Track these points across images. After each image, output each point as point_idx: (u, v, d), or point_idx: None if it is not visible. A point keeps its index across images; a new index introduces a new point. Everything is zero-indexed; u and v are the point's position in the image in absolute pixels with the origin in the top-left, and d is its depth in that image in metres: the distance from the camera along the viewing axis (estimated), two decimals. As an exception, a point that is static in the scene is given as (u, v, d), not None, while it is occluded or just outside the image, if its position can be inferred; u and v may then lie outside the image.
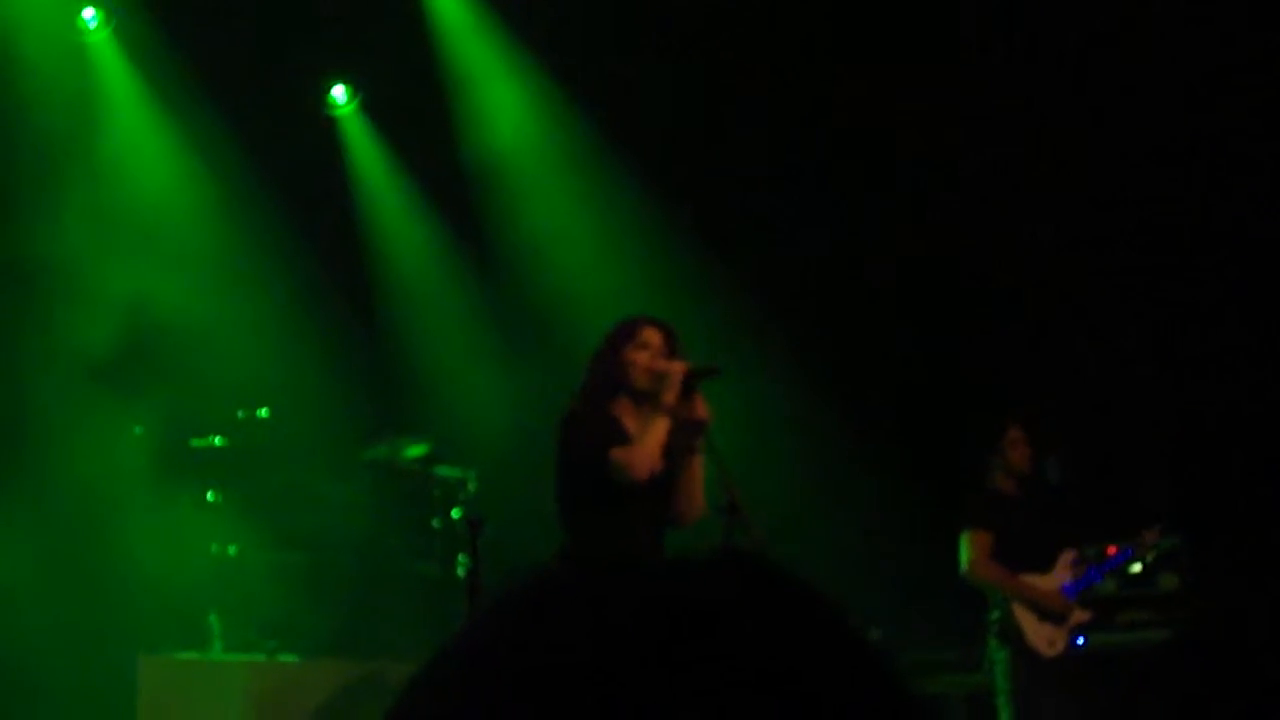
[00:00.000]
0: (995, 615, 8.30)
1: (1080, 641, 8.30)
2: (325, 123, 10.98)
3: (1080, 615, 8.29)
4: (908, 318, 10.26)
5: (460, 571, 9.28)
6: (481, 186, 10.81)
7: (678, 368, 5.76)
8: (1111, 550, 8.56)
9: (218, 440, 9.29)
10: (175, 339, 9.66)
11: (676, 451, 5.81)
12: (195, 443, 9.30)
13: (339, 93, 10.95)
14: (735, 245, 10.26)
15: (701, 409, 5.78)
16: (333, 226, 10.81)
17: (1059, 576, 8.32)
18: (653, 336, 5.88)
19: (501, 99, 10.72)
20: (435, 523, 9.45)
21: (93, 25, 10.31)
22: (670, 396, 5.71)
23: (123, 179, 10.17)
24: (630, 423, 5.86)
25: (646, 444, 5.69)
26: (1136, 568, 8.61)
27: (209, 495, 9.17)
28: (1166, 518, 8.74)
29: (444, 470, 9.44)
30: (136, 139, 10.34)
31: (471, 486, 9.37)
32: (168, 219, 10.23)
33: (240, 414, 9.39)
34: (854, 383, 10.14)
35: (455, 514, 9.43)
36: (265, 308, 10.19)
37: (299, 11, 10.15)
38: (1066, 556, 8.34)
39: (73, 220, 9.62)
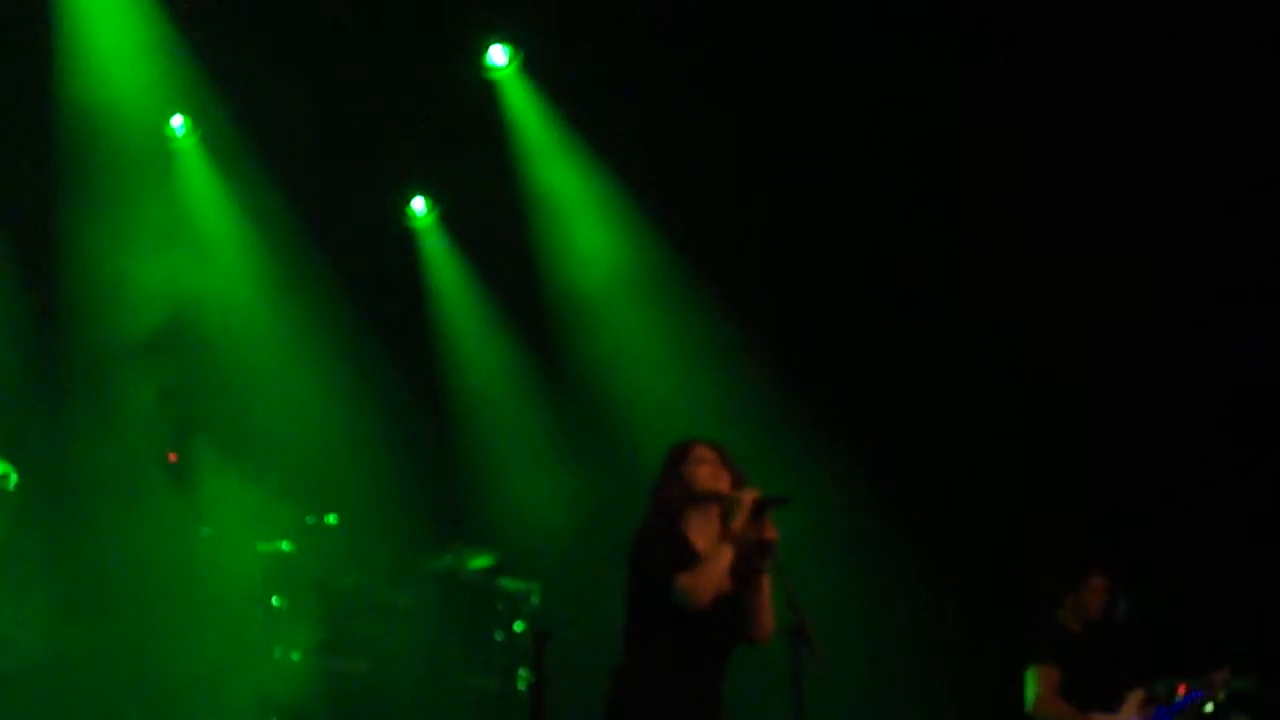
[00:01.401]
0: None
1: (1153, 778, 8.18)
2: (406, 234, 11.12)
3: (1145, 754, 8.17)
4: (983, 443, 10.21)
5: (521, 685, 9.26)
6: (556, 303, 10.90)
7: (747, 496, 5.83)
8: (1181, 690, 8.44)
9: (285, 545, 9.34)
10: (250, 445, 9.75)
11: (744, 573, 5.83)
12: (262, 547, 9.35)
13: (418, 204, 11.10)
14: (806, 375, 10.28)
15: (770, 531, 5.81)
16: (409, 338, 10.91)
17: (1127, 716, 8.22)
18: (706, 452, 6.02)
19: (580, 220, 10.84)
20: (498, 635, 9.44)
21: (181, 132, 10.53)
22: (739, 524, 5.77)
23: (201, 282, 10.32)
24: (699, 539, 5.90)
25: (711, 571, 5.74)
26: (1208, 708, 8.47)
27: (274, 599, 9.20)
28: (1238, 658, 8.62)
29: (508, 582, 9.45)
30: (217, 249, 10.50)
31: (535, 599, 9.38)
32: (249, 324, 10.36)
33: (309, 519, 9.45)
34: (928, 511, 10.08)
35: (518, 627, 9.42)
36: (338, 416, 10.28)
37: (379, 122, 10.32)
38: (1135, 696, 8.24)
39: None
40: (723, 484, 5.94)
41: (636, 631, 5.86)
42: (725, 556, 5.76)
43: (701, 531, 5.93)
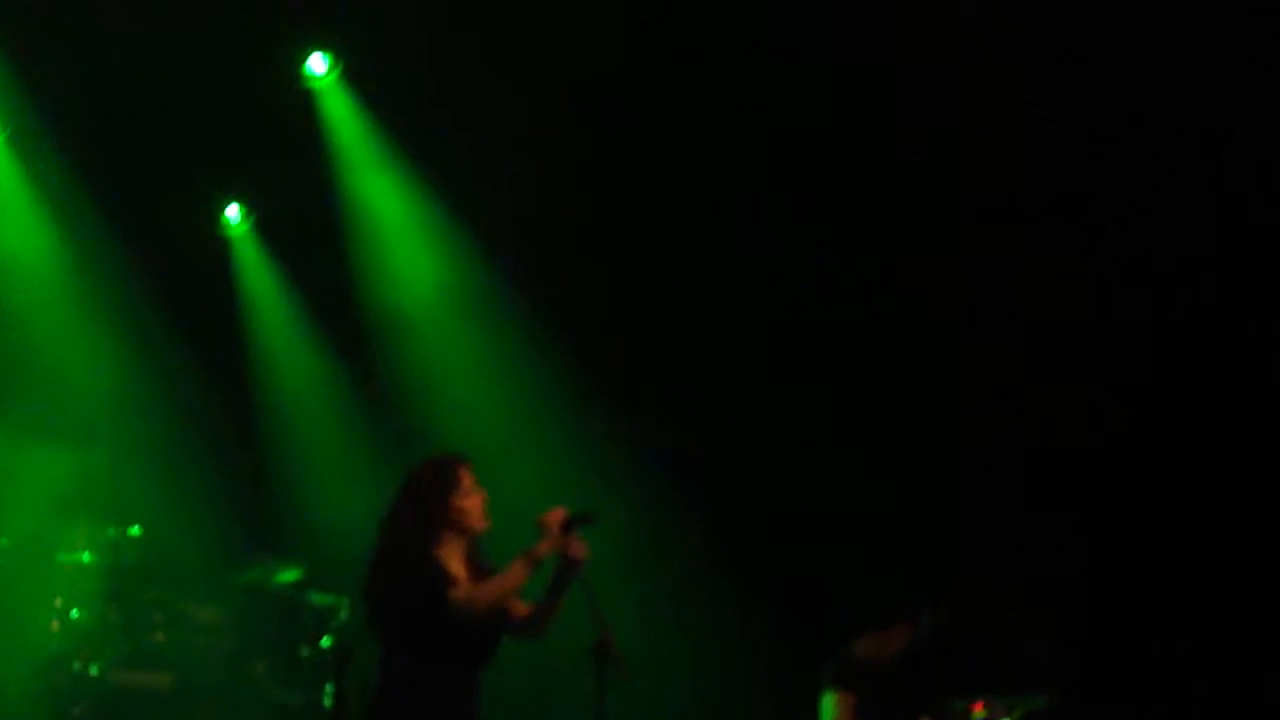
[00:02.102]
0: None
1: (944, 801, 8.33)
2: (218, 242, 10.95)
3: (937, 781, 8.35)
4: (787, 462, 10.34)
5: (327, 701, 9.15)
6: (371, 315, 10.83)
7: (555, 517, 5.85)
8: (977, 708, 8.61)
9: (85, 556, 9.14)
10: (50, 454, 9.53)
11: (552, 586, 5.88)
12: (62, 558, 9.14)
13: (233, 212, 10.94)
14: (622, 391, 10.33)
15: (578, 548, 5.83)
16: (219, 347, 10.75)
17: (918, 741, 8.38)
18: (469, 479, 6.08)
19: (397, 233, 10.78)
20: (304, 650, 9.32)
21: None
22: (545, 548, 5.83)
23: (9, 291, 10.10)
24: (454, 565, 5.97)
25: (495, 586, 5.84)
26: (1003, 726, 8.65)
27: (73, 612, 9.00)
28: (1036, 679, 8.83)
29: (317, 596, 9.33)
30: (20, 250, 10.26)
31: (343, 614, 9.27)
32: (48, 331, 10.14)
33: (111, 531, 9.26)
34: (739, 530, 10.18)
35: (325, 642, 9.31)
36: (144, 426, 10.09)
37: (195, 127, 10.17)
38: (924, 721, 8.42)
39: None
40: (485, 513, 6.01)
41: (396, 648, 5.91)
42: (518, 575, 5.84)
43: (453, 552, 6.01)
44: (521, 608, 5.97)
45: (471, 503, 6.04)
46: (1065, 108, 9.37)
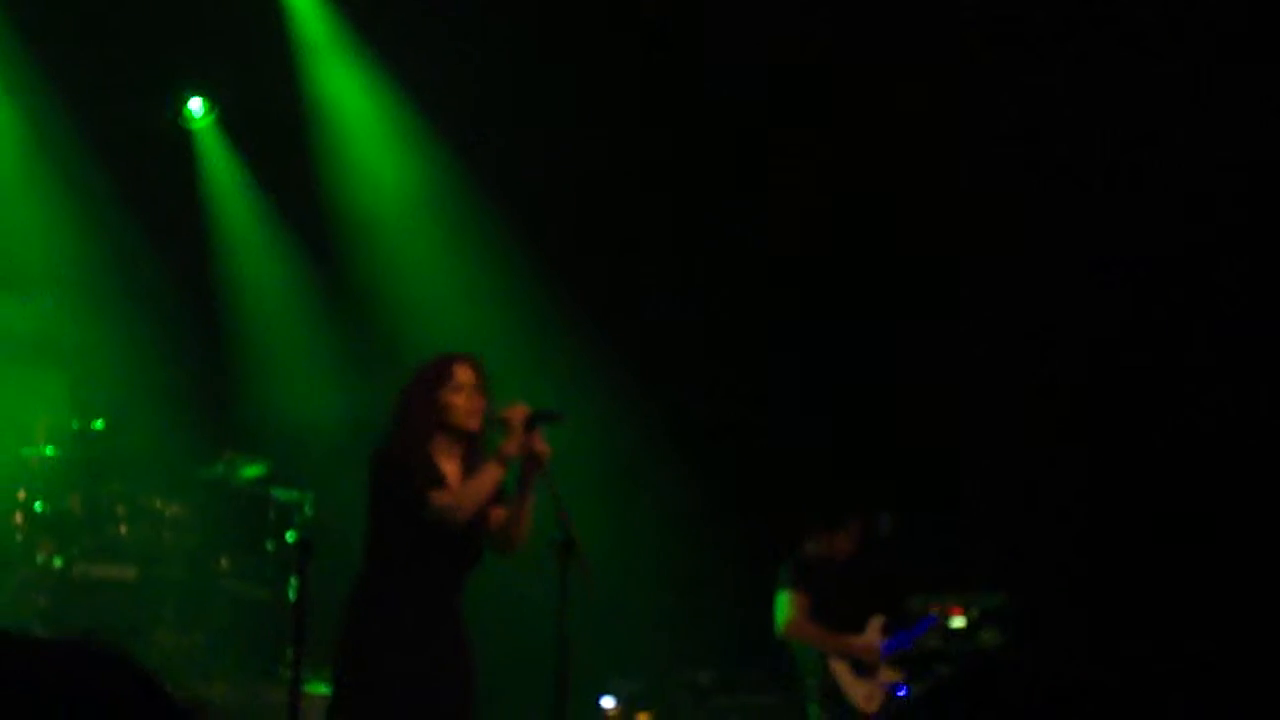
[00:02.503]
0: (811, 681, 8.47)
1: (902, 693, 8.47)
2: (180, 135, 10.85)
3: (891, 674, 8.48)
4: (756, 365, 10.39)
5: (292, 595, 9.19)
6: (337, 212, 10.77)
7: (518, 414, 5.77)
8: (933, 609, 8.75)
9: (49, 450, 9.13)
10: (10, 346, 9.49)
11: (515, 486, 5.83)
12: (26, 451, 9.12)
13: (196, 106, 10.83)
14: (587, 292, 10.33)
15: (541, 445, 5.80)
16: (182, 241, 10.69)
17: (871, 639, 8.51)
18: (465, 375, 5.89)
19: (363, 130, 10.69)
20: (269, 545, 9.35)
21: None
22: (511, 446, 5.73)
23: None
24: (445, 463, 5.87)
25: (473, 489, 5.70)
26: (959, 622, 8.78)
27: (36, 505, 9.00)
28: (986, 581, 8.97)
29: (281, 492, 9.35)
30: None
31: (308, 510, 9.29)
32: (8, 224, 10.05)
33: (75, 424, 9.24)
34: (698, 429, 10.24)
35: (290, 537, 9.34)
36: (106, 320, 10.05)
37: (156, 22, 10.03)
38: (876, 621, 8.54)
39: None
40: (477, 411, 5.87)
41: (379, 546, 5.84)
42: (492, 476, 5.74)
43: (447, 454, 5.92)
44: (499, 514, 5.88)
45: (460, 399, 5.86)
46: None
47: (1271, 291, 9.20)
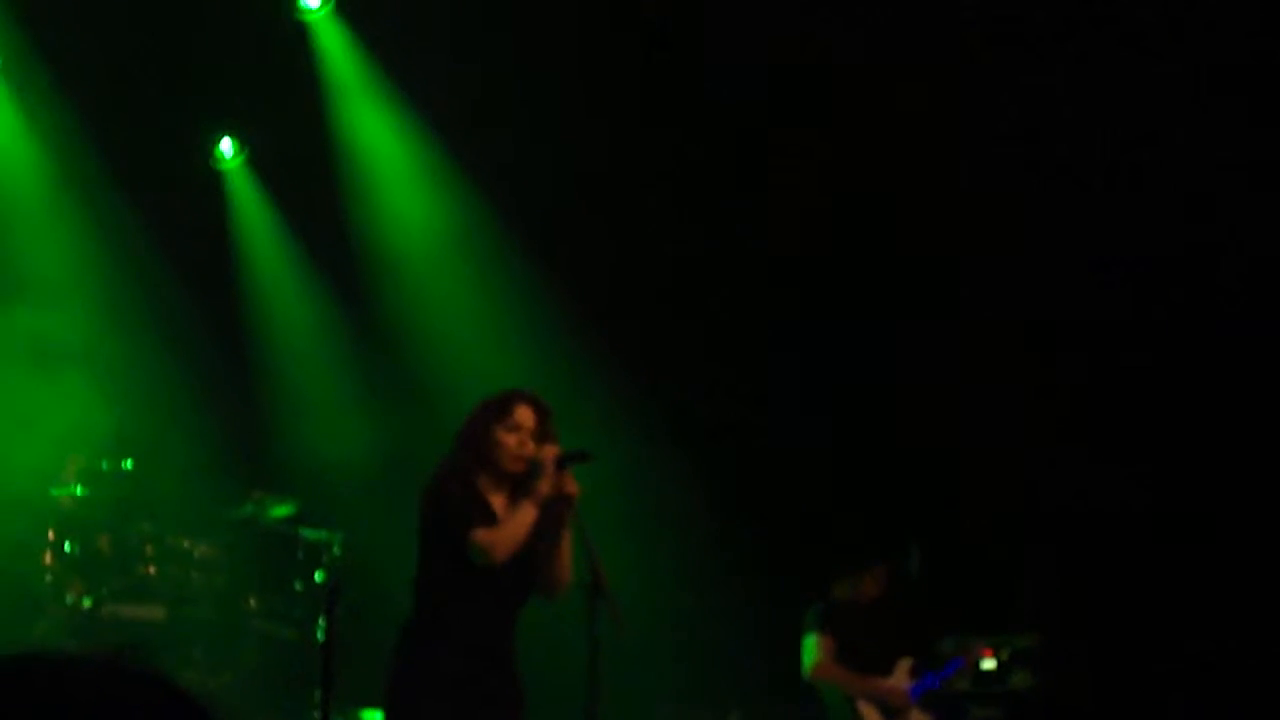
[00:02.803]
0: None
1: (933, 736, 8.43)
2: (211, 176, 10.91)
3: (920, 717, 8.43)
4: (788, 406, 10.36)
5: (320, 636, 9.18)
6: (366, 251, 10.80)
7: (549, 454, 5.75)
8: (964, 651, 8.70)
9: (78, 490, 9.14)
10: (42, 385, 9.52)
11: (544, 527, 5.80)
12: (56, 491, 9.14)
13: (226, 146, 10.89)
14: (616, 321, 10.33)
15: (571, 485, 5.79)
16: (212, 281, 10.73)
17: (899, 681, 8.46)
18: (525, 417, 5.86)
19: (393, 169, 10.73)
20: (298, 585, 9.34)
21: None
22: (544, 486, 5.70)
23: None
24: (495, 499, 5.84)
25: (511, 529, 5.68)
26: (989, 664, 8.73)
27: (65, 545, 9.01)
28: (1018, 620, 8.91)
29: (309, 532, 9.34)
30: (15, 182, 10.21)
31: (337, 550, 9.28)
32: (45, 263, 10.10)
33: (104, 464, 9.26)
34: (729, 471, 10.21)
35: (319, 577, 9.33)
36: (138, 358, 10.08)
37: (186, 63, 10.10)
38: (905, 663, 8.49)
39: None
40: (526, 455, 5.84)
41: (427, 584, 5.82)
42: (528, 516, 5.72)
43: (495, 491, 5.90)
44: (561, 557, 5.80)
45: (512, 439, 5.80)
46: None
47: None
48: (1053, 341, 9.74)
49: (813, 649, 8.41)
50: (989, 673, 8.75)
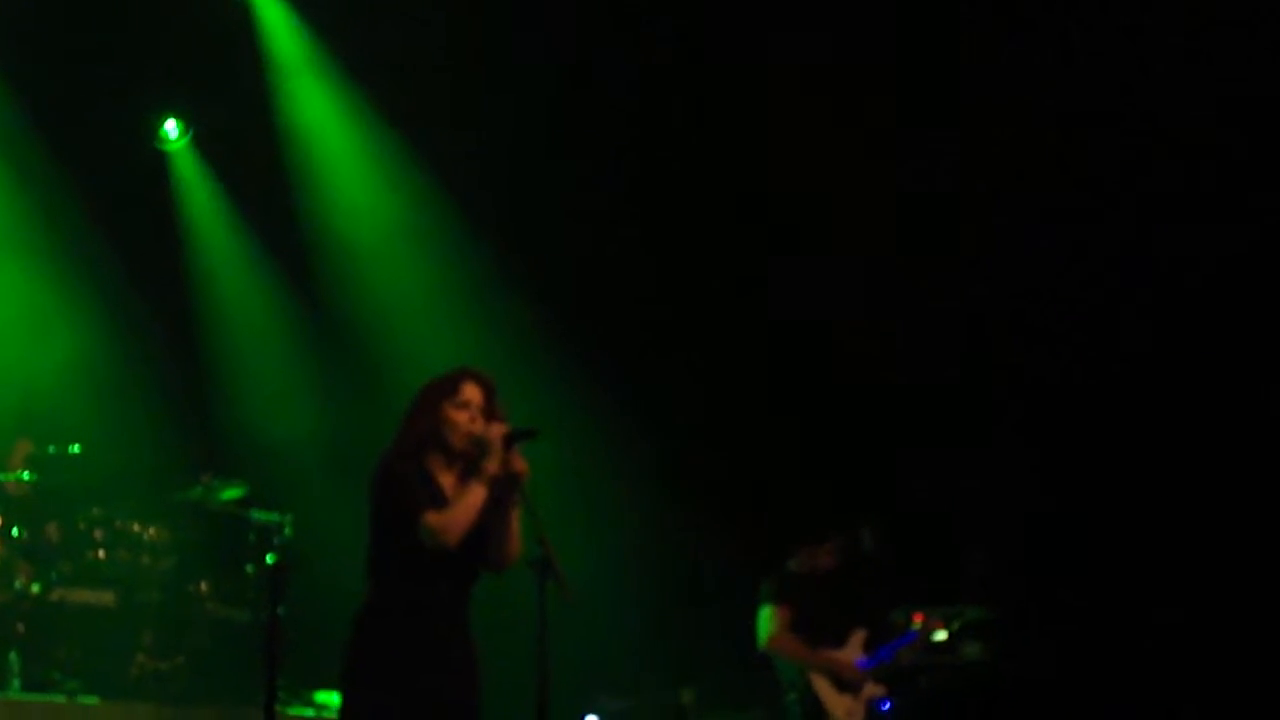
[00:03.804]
0: (792, 696, 8.46)
1: (885, 707, 8.46)
2: (155, 157, 10.83)
3: (873, 689, 8.48)
4: (740, 375, 10.39)
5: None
6: (313, 231, 10.76)
7: (496, 432, 5.73)
8: (917, 618, 8.75)
9: (25, 475, 9.08)
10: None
11: (493, 505, 5.79)
12: (2, 477, 9.08)
13: (171, 127, 10.81)
14: (564, 302, 10.34)
15: (519, 463, 5.77)
16: (158, 262, 10.66)
17: (852, 653, 8.50)
18: (473, 394, 5.82)
19: (337, 149, 10.69)
20: (249, 567, 9.32)
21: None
22: (492, 465, 5.68)
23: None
24: (444, 478, 5.82)
25: (461, 510, 5.65)
26: (941, 635, 8.78)
27: (14, 531, 8.95)
28: (968, 593, 8.97)
29: (260, 514, 9.31)
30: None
31: (288, 531, 9.25)
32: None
33: (51, 449, 9.20)
34: (679, 443, 10.24)
35: (269, 559, 9.29)
36: (82, 342, 10.02)
37: (131, 44, 10.03)
38: (858, 635, 8.54)
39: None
40: (477, 429, 5.83)
41: (379, 565, 5.80)
42: (477, 495, 5.69)
43: (446, 469, 5.88)
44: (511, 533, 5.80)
45: (463, 417, 5.74)
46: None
47: (1264, 290, 9.27)
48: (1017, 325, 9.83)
49: (768, 620, 8.45)
50: (940, 644, 8.80)
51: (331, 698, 8.57)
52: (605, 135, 10.13)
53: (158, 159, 10.86)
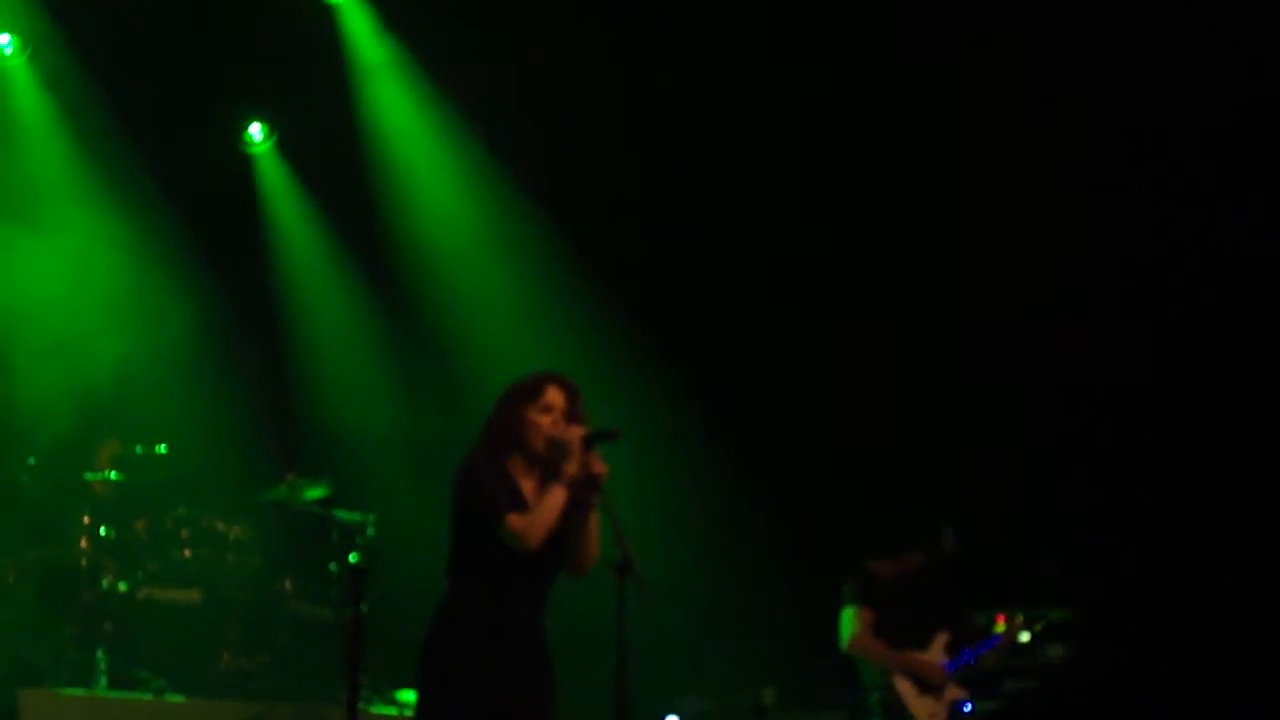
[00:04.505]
0: (875, 698, 8.42)
1: (968, 709, 8.41)
2: (241, 160, 10.94)
3: (956, 692, 8.42)
4: (818, 384, 10.37)
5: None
6: (396, 233, 10.82)
7: (575, 434, 5.74)
8: (1001, 620, 8.70)
9: (113, 475, 9.20)
10: (75, 370, 9.58)
11: (573, 506, 5.80)
12: (90, 476, 9.20)
13: (255, 130, 10.92)
14: (650, 314, 10.35)
15: (598, 465, 5.77)
16: (244, 264, 10.77)
17: (935, 656, 8.45)
18: (556, 398, 5.84)
19: (422, 154, 10.75)
20: (332, 566, 9.39)
21: (8, 51, 10.25)
22: (572, 468, 5.69)
23: (31, 206, 10.12)
24: (525, 482, 5.83)
25: (543, 514, 5.67)
26: (1025, 638, 8.72)
27: (101, 530, 9.07)
28: (1052, 595, 8.91)
29: (343, 514, 9.38)
30: (43, 171, 10.26)
31: (370, 531, 9.31)
32: (76, 250, 10.15)
33: (139, 449, 9.31)
34: (762, 451, 10.22)
35: (353, 558, 9.36)
36: (171, 343, 10.13)
37: (217, 48, 10.13)
38: (941, 638, 8.48)
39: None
40: (557, 432, 5.83)
41: (459, 566, 5.83)
42: (558, 498, 5.70)
43: (527, 472, 5.89)
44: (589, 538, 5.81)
45: (545, 420, 5.76)
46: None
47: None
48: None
49: (851, 622, 8.42)
50: (1024, 646, 8.74)
51: (413, 696, 8.62)
52: (686, 139, 10.13)
53: (244, 162, 10.96)
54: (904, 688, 8.38)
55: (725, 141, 10.16)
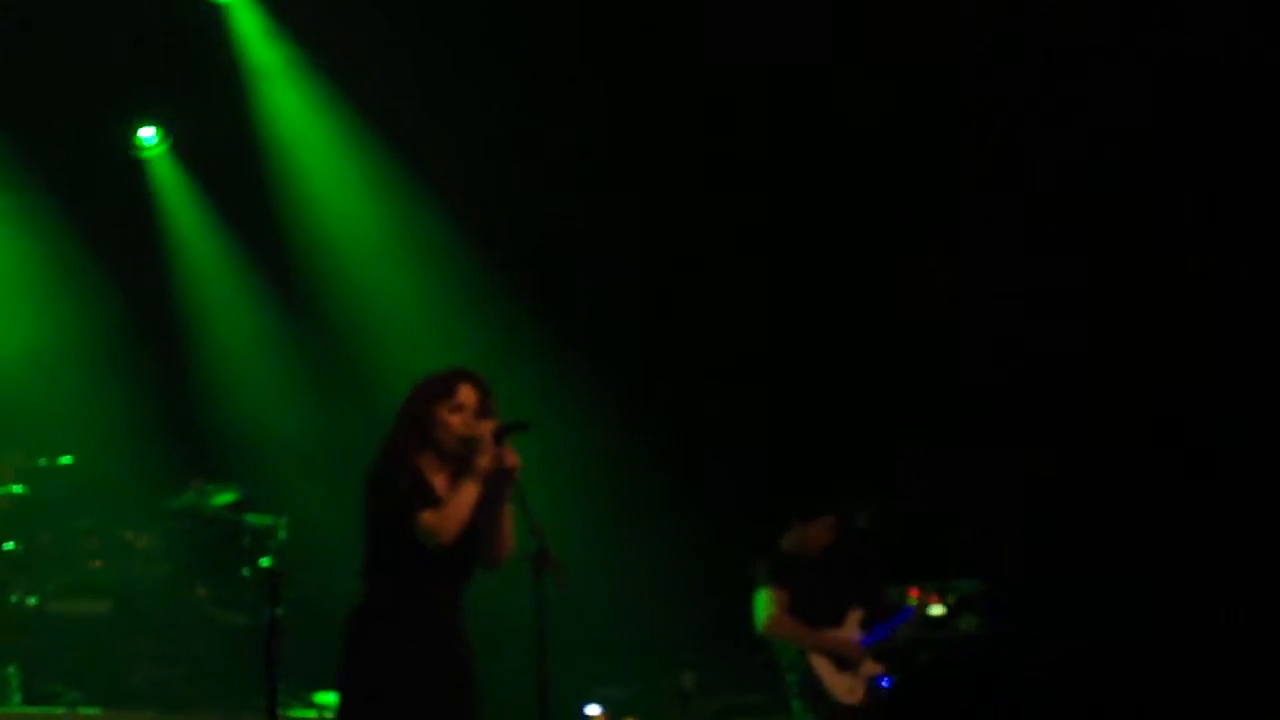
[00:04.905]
0: (792, 677, 8.49)
1: (885, 684, 8.50)
2: (134, 165, 10.82)
3: (872, 667, 8.51)
4: (724, 368, 10.42)
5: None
6: (295, 234, 10.76)
7: (485, 428, 5.75)
8: (913, 594, 8.79)
9: (16, 488, 9.09)
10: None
11: (486, 500, 5.81)
12: (-6, 490, 9.10)
13: (147, 134, 10.80)
14: (547, 298, 10.36)
15: (511, 458, 5.79)
16: (139, 269, 10.65)
17: (850, 632, 8.53)
18: (468, 396, 5.84)
19: (316, 154, 10.68)
20: (244, 571, 9.33)
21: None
22: (484, 461, 5.70)
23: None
24: (436, 479, 5.83)
25: (456, 509, 5.68)
26: (938, 610, 8.82)
27: (7, 544, 8.96)
28: (963, 567, 9.02)
29: (254, 518, 9.32)
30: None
31: (282, 534, 9.27)
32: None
33: (42, 461, 9.22)
34: (667, 436, 10.27)
35: (265, 562, 9.31)
36: (70, 353, 10.02)
37: (107, 51, 10.01)
38: (856, 614, 8.56)
39: None
40: (467, 429, 5.84)
41: (374, 565, 5.82)
42: (470, 493, 5.71)
43: (439, 469, 5.89)
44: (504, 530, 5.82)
45: (457, 419, 5.76)
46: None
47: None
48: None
49: (765, 603, 8.46)
50: (937, 619, 8.84)
51: (332, 698, 8.59)
52: (590, 133, 10.14)
53: (135, 166, 10.84)
54: (821, 666, 8.45)
55: (624, 133, 10.18)
